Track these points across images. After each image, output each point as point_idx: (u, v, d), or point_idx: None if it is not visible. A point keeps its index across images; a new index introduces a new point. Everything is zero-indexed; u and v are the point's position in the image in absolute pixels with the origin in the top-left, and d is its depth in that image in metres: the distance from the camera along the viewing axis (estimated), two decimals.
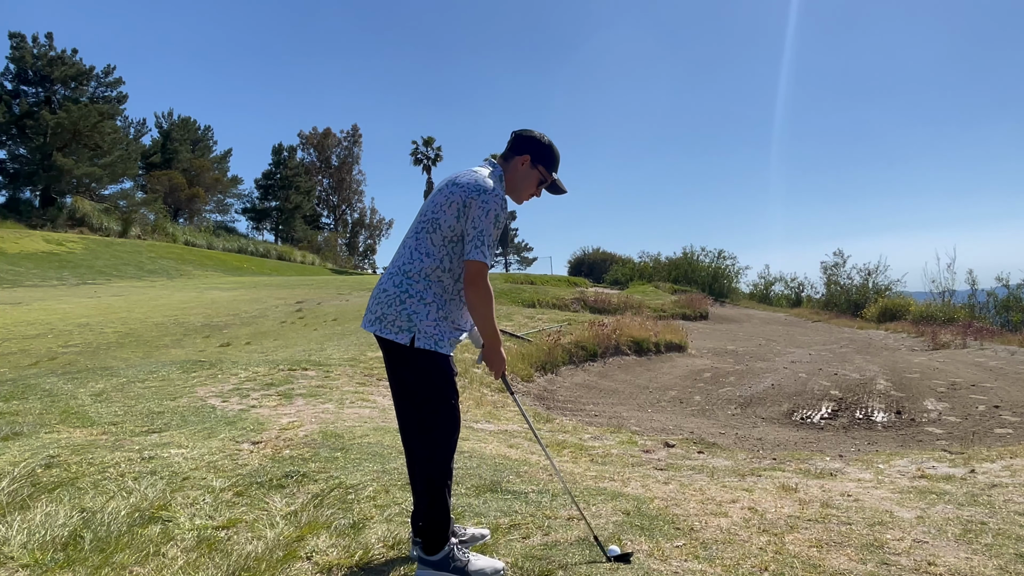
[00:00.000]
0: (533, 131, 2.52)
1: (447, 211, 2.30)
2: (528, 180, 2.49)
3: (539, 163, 2.48)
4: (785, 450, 5.57)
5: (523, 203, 2.57)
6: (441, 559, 2.31)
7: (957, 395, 8.03)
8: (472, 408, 6.20)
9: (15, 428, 4.27)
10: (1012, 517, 3.08)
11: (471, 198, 2.27)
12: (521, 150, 2.48)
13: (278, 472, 3.40)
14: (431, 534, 2.32)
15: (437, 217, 2.31)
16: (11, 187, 36.86)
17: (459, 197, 2.29)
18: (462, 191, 2.29)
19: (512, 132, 2.55)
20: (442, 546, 2.32)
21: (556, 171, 2.55)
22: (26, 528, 2.72)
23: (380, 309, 2.33)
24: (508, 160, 2.49)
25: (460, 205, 2.28)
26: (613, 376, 9.89)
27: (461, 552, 2.36)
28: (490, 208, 2.27)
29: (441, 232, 2.30)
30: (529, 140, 2.49)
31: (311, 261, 45.41)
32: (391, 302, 2.31)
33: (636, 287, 27.60)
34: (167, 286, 22.38)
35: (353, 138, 58.79)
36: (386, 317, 2.30)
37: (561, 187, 2.57)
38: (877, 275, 27.70)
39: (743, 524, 2.91)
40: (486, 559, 2.38)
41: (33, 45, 36.57)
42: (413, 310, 2.28)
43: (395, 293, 2.31)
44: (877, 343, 14.91)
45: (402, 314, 2.28)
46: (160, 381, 6.10)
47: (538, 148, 2.48)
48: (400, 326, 2.28)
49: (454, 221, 2.29)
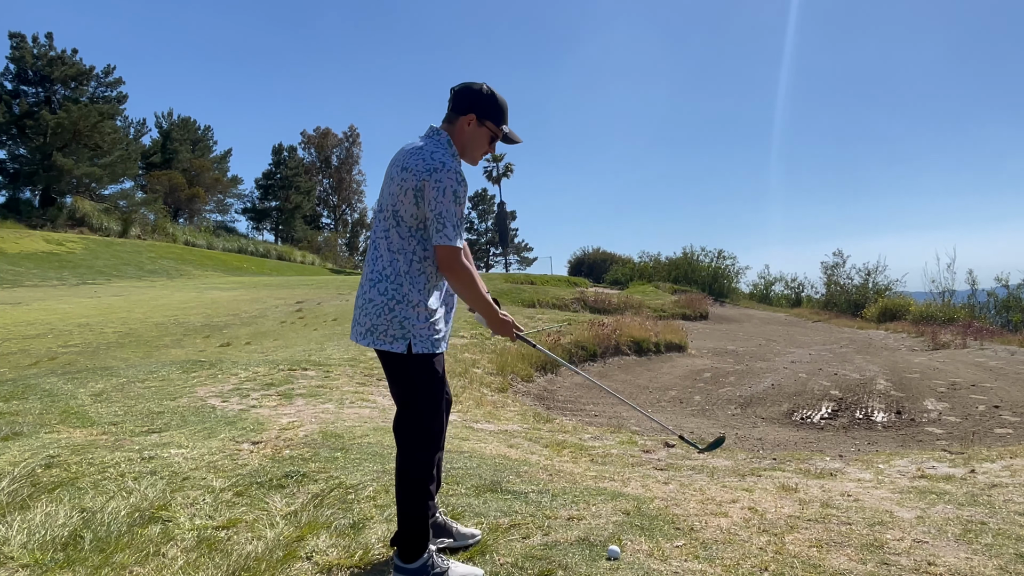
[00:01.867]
0: (472, 84, 2.30)
1: (403, 200, 2.17)
2: (478, 140, 2.31)
3: (486, 119, 2.29)
4: (785, 450, 5.57)
5: (478, 162, 2.39)
6: (419, 567, 2.22)
7: (957, 395, 8.03)
8: (472, 408, 6.20)
9: (15, 428, 4.27)
10: (1012, 517, 3.08)
11: (423, 180, 2.13)
12: (464, 109, 2.27)
13: (278, 472, 3.40)
14: (408, 540, 2.23)
15: (397, 209, 2.19)
16: (11, 187, 36.85)
17: (412, 182, 2.15)
18: (413, 176, 2.15)
19: (451, 89, 2.33)
20: (420, 554, 2.23)
21: (506, 122, 2.35)
22: (26, 528, 2.72)
23: (369, 320, 2.23)
24: (453, 123, 2.29)
25: (414, 190, 2.15)
26: (613, 376, 9.89)
27: (441, 559, 2.28)
28: (445, 186, 2.12)
29: (405, 223, 2.19)
30: (469, 94, 2.28)
31: (311, 261, 45.42)
32: (379, 312, 2.21)
33: (636, 287, 27.61)
34: (167, 286, 22.38)
35: (352, 138, 58.84)
36: (377, 328, 2.21)
37: (514, 138, 2.39)
38: (877, 275, 27.74)
39: (743, 524, 2.91)
40: (465, 567, 2.31)
41: (33, 45, 36.57)
42: (404, 316, 2.19)
43: (382, 302, 2.21)
44: (877, 343, 14.91)
45: (393, 322, 2.19)
46: (160, 381, 6.10)
47: (481, 102, 2.28)
48: (394, 335, 2.19)
49: (414, 208, 2.16)
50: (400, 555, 2.25)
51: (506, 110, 2.36)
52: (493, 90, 2.32)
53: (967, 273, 23.27)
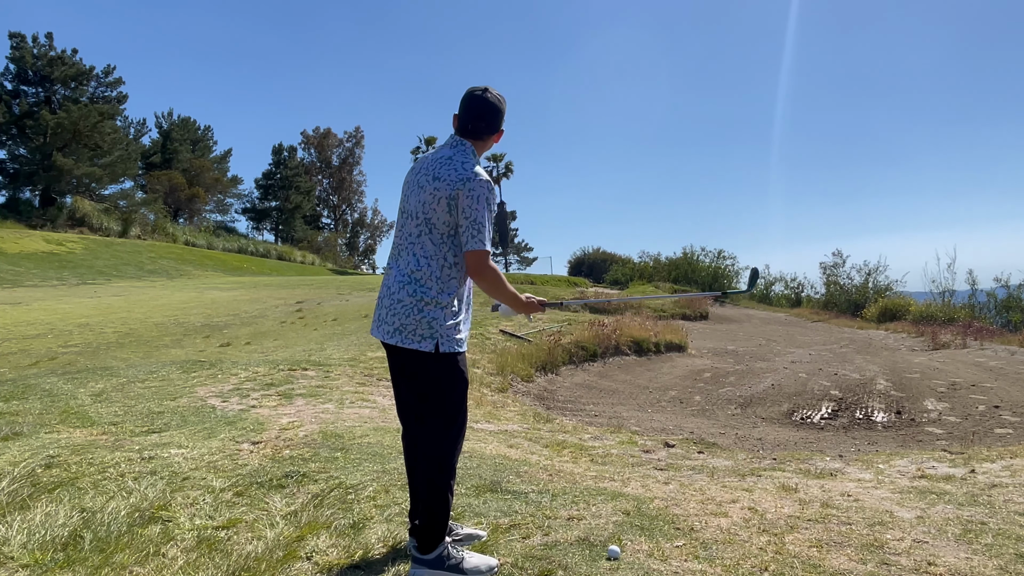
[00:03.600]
0: (497, 101, 2.41)
1: (437, 209, 2.29)
2: (490, 145, 2.48)
3: (502, 126, 2.47)
4: (785, 450, 5.57)
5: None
6: (435, 558, 2.33)
7: (957, 395, 8.03)
8: (472, 408, 6.19)
9: (15, 428, 4.27)
10: (1012, 517, 3.08)
11: (458, 189, 2.26)
12: (496, 127, 2.43)
13: (278, 472, 3.40)
14: (428, 533, 2.33)
15: (429, 217, 2.31)
16: (11, 187, 36.85)
17: (445, 191, 2.27)
18: (447, 185, 2.27)
19: (472, 100, 2.38)
20: (437, 544, 2.33)
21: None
22: (26, 528, 2.72)
23: (398, 320, 2.31)
24: (483, 139, 2.42)
25: (448, 199, 2.27)
26: (613, 376, 9.89)
27: (456, 550, 2.37)
28: (480, 194, 2.25)
29: (438, 230, 2.30)
30: (498, 114, 2.41)
31: (311, 261, 45.43)
32: (408, 312, 2.29)
33: (636, 287, 27.61)
34: (167, 286, 22.38)
35: (355, 139, 58.83)
36: (406, 327, 2.29)
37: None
38: (877, 275, 27.73)
39: (743, 524, 2.91)
40: (480, 556, 2.39)
41: (33, 45, 36.55)
42: (433, 316, 2.28)
43: (411, 303, 2.30)
44: (877, 343, 14.91)
45: (422, 322, 2.28)
46: (160, 381, 6.10)
47: (503, 117, 2.44)
48: (422, 334, 2.28)
49: (447, 216, 2.28)
50: (419, 546, 2.34)
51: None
52: (499, 95, 2.44)
53: (967, 273, 23.29)
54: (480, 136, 2.41)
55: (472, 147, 2.39)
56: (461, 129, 2.41)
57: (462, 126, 2.41)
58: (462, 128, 2.41)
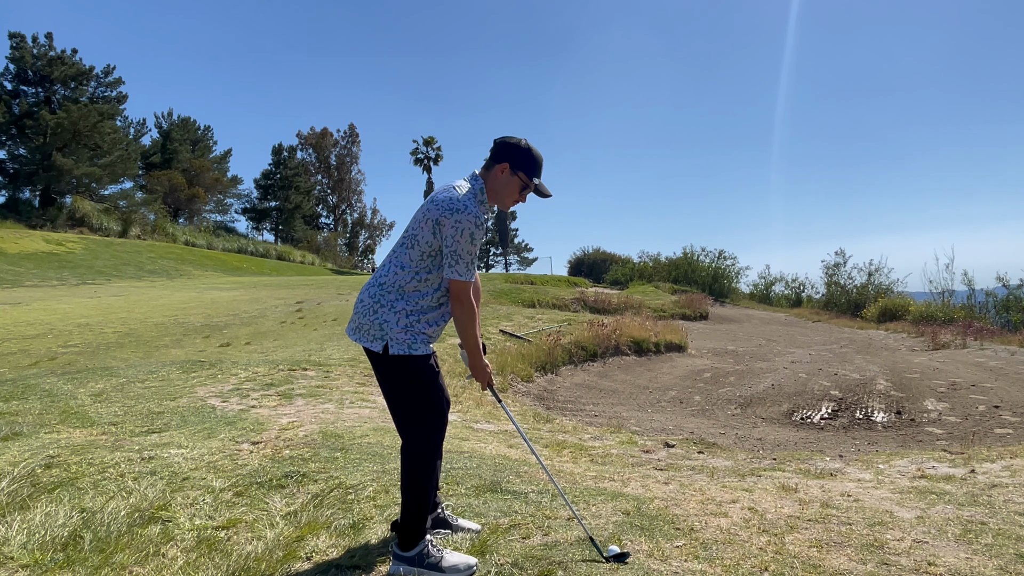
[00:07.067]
0: (512, 137, 2.54)
1: (424, 228, 2.39)
2: (509, 187, 2.51)
3: (519, 170, 2.49)
4: (785, 450, 5.57)
5: (510, 208, 2.60)
6: (415, 555, 2.37)
7: (957, 395, 8.03)
8: (472, 408, 6.20)
9: (15, 428, 4.27)
10: (1012, 517, 3.08)
11: (444, 217, 2.34)
12: (500, 158, 2.50)
13: (278, 472, 3.40)
14: (407, 529, 2.38)
15: (415, 233, 2.41)
16: (11, 187, 36.82)
17: (434, 215, 2.37)
18: (437, 210, 2.37)
19: (494, 140, 2.56)
20: (417, 542, 2.38)
21: (538, 175, 2.55)
22: (26, 528, 2.72)
23: (358, 319, 2.46)
24: (489, 169, 2.52)
25: (434, 222, 2.36)
26: (613, 376, 9.89)
27: (435, 548, 2.41)
28: (463, 228, 2.33)
29: (419, 247, 2.39)
30: (507, 147, 2.51)
31: (311, 261, 45.42)
32: (366, 312, 2.43)
33: (636, 287, 27.60)
34: (167, 286, 22.38)
35: (351, 138, 58.77)
36: (363, 327, 2.43)
37: (544, 191, 2.58)
38: (879, 275, 27.73)
39: (743, 524, 2.91)
40: (459, 555, 2.43)
41: (33, 45, 36.54)
42: (384, 319, 2.38)
43: (370, 304, 2.43)
44: (877, 343, 14.91)
45: (375, 323, 2.39)
46: (160, 381, 6.10)
47: (516, 154, 2.49)
48: (374, 334, 2.39)
49: (431, 237, 2.37)
50: (399, 543, 2.41)
51: (540, 165, 2.55)
52: (530, 145, 2.53)
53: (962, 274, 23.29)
54: (488, 168, 2.52)
55: (482, 184, 2.49)
56: (484, 167, 2.55)
57: (485, 164, 2.55)
58: (484, 166, 2.55)
